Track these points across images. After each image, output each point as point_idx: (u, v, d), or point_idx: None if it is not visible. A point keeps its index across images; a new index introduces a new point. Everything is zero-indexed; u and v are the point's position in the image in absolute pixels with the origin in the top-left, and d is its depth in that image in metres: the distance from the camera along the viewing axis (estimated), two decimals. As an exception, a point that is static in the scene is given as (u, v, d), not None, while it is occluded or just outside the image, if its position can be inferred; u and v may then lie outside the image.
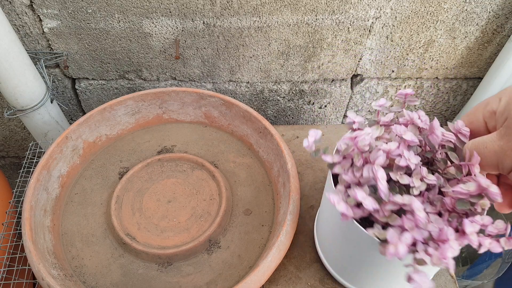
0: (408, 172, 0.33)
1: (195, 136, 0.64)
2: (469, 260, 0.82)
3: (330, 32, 0.64)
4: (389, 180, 0.33)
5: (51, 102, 0.68)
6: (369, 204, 0.31)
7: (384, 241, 0.31)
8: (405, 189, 0.33)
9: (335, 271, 0.46)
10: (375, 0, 0.60)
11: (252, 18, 0.62)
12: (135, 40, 0.65)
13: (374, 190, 0.33)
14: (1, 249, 0.55)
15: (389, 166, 0.33)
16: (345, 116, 0.80)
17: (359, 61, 0.69)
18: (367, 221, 0.35)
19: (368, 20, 0.63)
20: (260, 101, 0.76)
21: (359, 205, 0.33)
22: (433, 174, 0.33)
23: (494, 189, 0.29)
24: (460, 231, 0.31)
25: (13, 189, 0.61)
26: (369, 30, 0.65)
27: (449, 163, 0.34)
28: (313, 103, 0.77)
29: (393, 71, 0.72)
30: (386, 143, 0.33)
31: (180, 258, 0.49)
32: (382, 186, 0.30)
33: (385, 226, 0.32)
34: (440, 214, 0.33)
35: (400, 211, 0.32)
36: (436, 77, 0.74)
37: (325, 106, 0.77)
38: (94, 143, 0.62)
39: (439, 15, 0.63)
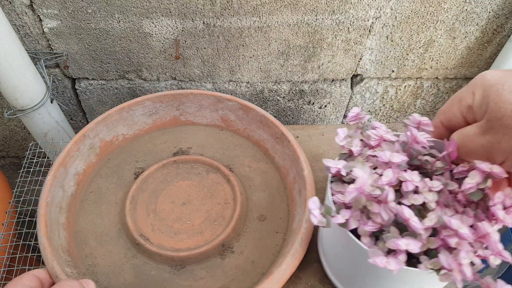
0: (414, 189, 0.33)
1: (211, 139, 0.64)
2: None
3: (330, 32, 0.64)
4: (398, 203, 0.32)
5: (51, 102, 0.68)
6: (415, 247, 0.29)
7: (438, 270, 0.30)
8: (420, 207, 0.33)
9: (335, 277, 0.45)
10: (375, 0, 0.60)
11: (252, 18, 0.62)
12: (135, 40, 0.65)
13: (395, 223, 0.32)
14: (1, 249, 0.55)
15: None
16: (345, 116, 0.80)
17: (359, 61, 0.69)
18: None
19: (368, 20, 0.63)
20: (260, 101, 0.76)
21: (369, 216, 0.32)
22: (426, 177, 0.33)
23: (497, 169, 0.29)
24: (490, 218, 0.31)
25: (13, 189, 0.61)
26: (369, 30, 0.65)
27: (432, 159, 0.34)
28: (313, 103, 0.77)
29: (393, 71, 0.72)
30: (380, 174, 0.33)
31: (193, 261, 0.49)
32: (415, 223, 0.29)
33: (426, 252, 0.31)
34: (454, 209, 0.33)
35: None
36: (436, 77, 0.74)
37: (325, 106, 0.77)
38: (111, 142, 0.61)
39: (439, 15, 0.63)
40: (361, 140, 0.37)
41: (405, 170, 0.33)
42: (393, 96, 0.77)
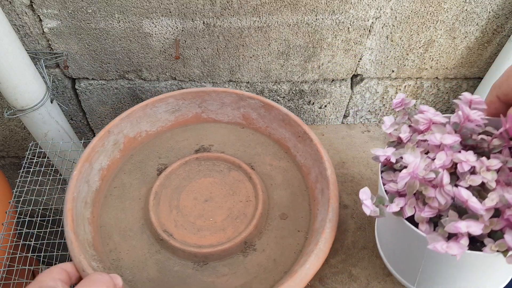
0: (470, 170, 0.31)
1: (232, 137, 0.64)
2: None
3: (330, 32, 0.64)
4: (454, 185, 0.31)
5: (51, 102, 0.68)
6: (477, 228, 0.28)
7: (505, 251, 0.28)
8: (480, 187, 0.31)
9: (396, 270, 0.44)
10: (375, 0, 0.60)
11: (252, 18, 0.62)
12: (135, 40, 0.65)
13: (453, 207, 0.31)
14: (1, 249, 0.55)
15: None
16: (345, 116, 0.80)
17: (359, 61, 0.69)
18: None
19: (368, 20, 0.63)
20: (260, 101, 0.76)
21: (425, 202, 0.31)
22: (483, 156, 0.31)
23: None
24: None
25: (13, 189, 0.61)
26: (369, 30, 0.65)
27: (488, 137, 0.33)
28: (313, 103, 0.77)
29: (393, 71, 0.72)
30: (433, 159, 0.31)
31: (216, 258, 0.49)
32: (475, 204, 0.28)
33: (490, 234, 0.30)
34: None
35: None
36: (436, 77, 0.74)
37: (325, 106, 0.77)
38: (134, 138, 0.62)
39: (439, 15, 0.63)
40: (409, 126, 0.35)
41: (460, 151, 0.32)
42: (393, 96, 0.77)
